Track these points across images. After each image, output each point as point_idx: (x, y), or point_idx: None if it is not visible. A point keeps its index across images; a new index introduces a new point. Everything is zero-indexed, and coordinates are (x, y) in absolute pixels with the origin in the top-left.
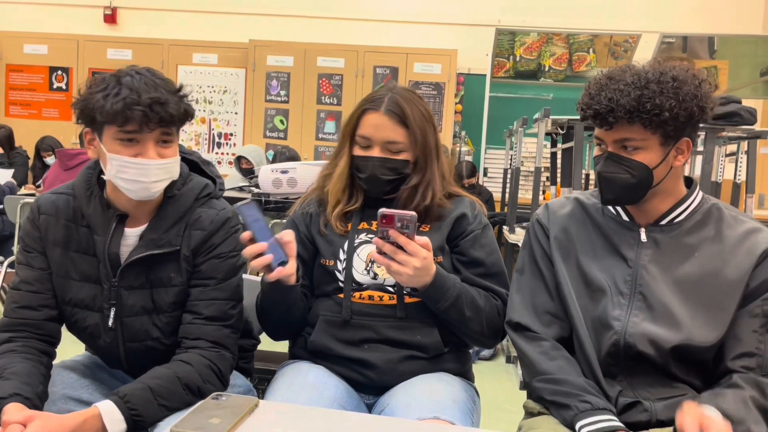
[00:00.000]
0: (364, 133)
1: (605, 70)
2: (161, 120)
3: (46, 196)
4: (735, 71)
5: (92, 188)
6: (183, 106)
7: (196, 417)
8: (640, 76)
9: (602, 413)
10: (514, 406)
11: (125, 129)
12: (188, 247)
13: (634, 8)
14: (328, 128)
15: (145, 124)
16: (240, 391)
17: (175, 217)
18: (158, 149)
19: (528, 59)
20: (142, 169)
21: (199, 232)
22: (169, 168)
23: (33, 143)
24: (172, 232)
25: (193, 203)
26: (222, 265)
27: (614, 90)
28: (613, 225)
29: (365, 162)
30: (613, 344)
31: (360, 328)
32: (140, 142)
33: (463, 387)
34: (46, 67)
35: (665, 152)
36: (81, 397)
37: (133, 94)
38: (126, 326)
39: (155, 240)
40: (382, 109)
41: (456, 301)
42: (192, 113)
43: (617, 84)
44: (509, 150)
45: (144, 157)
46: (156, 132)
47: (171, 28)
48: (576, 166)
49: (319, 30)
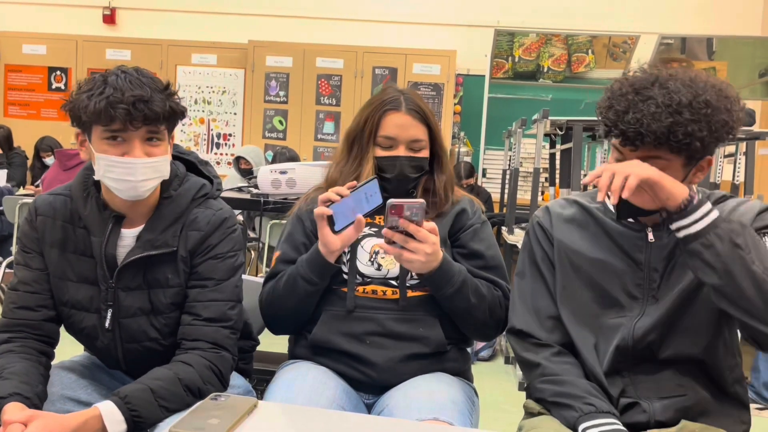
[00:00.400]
0: (388, 133)
1: (629, 76)
2: (146, 118)
3: (44, 197)
4: (733, 72)
5: (89, 189)
6: (169, 104)
7: (195, 417)
8: (672, 98)
9: (606, 416)
10: (513, 406)
11: (110, 128)
12: (185, 248)
13: (633, 9)
14: (327, 129)
15: (130, 123)
16: (239, 392)
17: (172, 218)
18: (146, 148)
19: (527, 60)
20: (129, 168)
21: (195, 232)
22: (157, 167)
23: (32, 144)
24: (168, 232)
25: (189, 204)
26: (220, 266)
27: (644, 112)
28: (619, 227)
29: (392, 162)
30: (622, 338)
31: (363, 320)
32: (126, 141)
33: (462, 387)
34: (45, 67)
35: (687, 172)
36: (80, 397)
37: (116, 93)
38: (123, 327)
39: (152, 241)
40: (403, 109)
41: (462, 287)
42: (181, 111)
43: (646, 105)
44: (508, 151)
45: (130, 155)
46: (142, 130)
47: (170, 28)
48: (575, 166)
49: (318, 31)
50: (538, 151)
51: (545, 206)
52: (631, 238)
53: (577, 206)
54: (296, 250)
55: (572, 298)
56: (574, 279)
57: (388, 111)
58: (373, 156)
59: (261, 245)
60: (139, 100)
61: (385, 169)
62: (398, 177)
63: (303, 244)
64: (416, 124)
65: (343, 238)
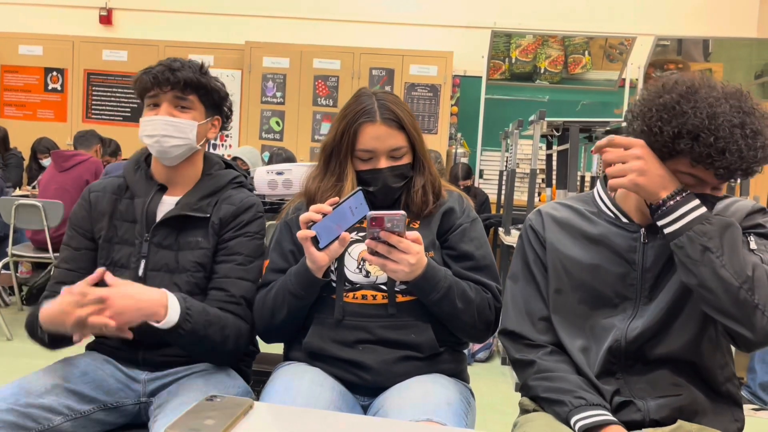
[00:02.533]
0: (366, 146)
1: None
2: (172, 82)
3: (98, 181)
4: (729, 74)
5: (140, 164)
6: (198, 76)
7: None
8: (755, 135)
9: (596, 408)
10: (510, 407)
11: (148, 95)
12: (218, 217)
13: (630, 11)
14: (324, 130)
15: (158, 86)
16: (237, 392)
17: (210, 190)
18: (172, 111)
19: (523, 61)
20: (153, 123)
21: (229, 206)
22: (179, 127)
23: (28, 144)
24: (205, 201)
25: (227, 183)
26: (249, 244)
27: (740, 146)
28: (612, 228)
29: (375, 175)
30: (615, 340)
31: (353, 329)
32: (159, 105)
33: (458, 388)
34: (41, 68)
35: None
36: (83, 391)
37: (157, 67)
38: (149, 280)
39: (189, 204)
40: (378, 119)
41: (447, 292)
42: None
43: (745, 140)
44: (505, 152)
45: (157, 114)
46: (169, 94)
47: (167, 29)
48: (571, 168)
49: (314, 32)
50: (534, 152)
51: (538, 209)
52: (626, 239)
53: (570, 209)
54: (284, 258)
55: (564, 301)
56: (566, 282)
57: (362, 123)
58: (353, 170)
59: None
60: (168, 68)
61: (368, 182)
62: (383, 189)
63: (291, 252)
64: (394, 133)
65: (329, 253)
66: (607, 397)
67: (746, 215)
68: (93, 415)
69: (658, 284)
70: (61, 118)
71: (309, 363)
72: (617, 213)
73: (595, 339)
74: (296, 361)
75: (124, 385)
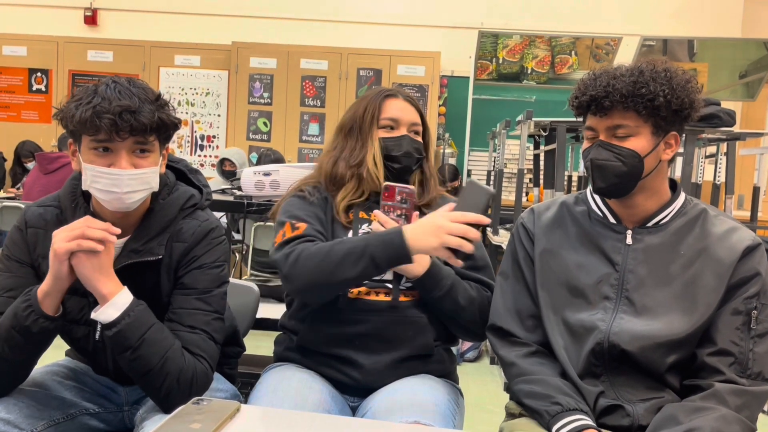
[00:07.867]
0: (391, 115)
1: (596, 70)
2: (132, 128)
3: (34, 209)
4: (714, 74)
5: (77, 200)
6: (159, 115)
7: (176, 422)
8: (633, 68)
9: (572, 413)
10: (498, 407)
11: (97, 138)
12: (171, 259)
13: (616, 12)
14: (311, 130)
15: (116, 133)
16: (226, 396)
17: (158, 227)
18: (133, 159)
19: (511, 62)
20: (114, 179)
21: (180, 244)
22: (144, 179)
23: (12, 146)
24: (154, 242)
25: (177, 214)
26: (203, 276)
27: (610, 76)
28: (599, 228)
29: (398, 141)
30: (597, 343)
31: (353, 323)
32: (113, 151)
33: (447, 389)
34: (26, 68)
35: (656, 142)
36: (64, 396)
37: (104, 103)
38: None
39: (136, 249)
40: (401, 96)
41: (451, 290)
42: (173, 123)
43: (612, 72)
44: (492, 152)
45: (116, 167)
46: (128, 141)
47: (152, 29)
48: (559, 167)
49: (302, 32)
50: (522, 152)
51: (531, 208)
52: (611, 240)
53: (561, 207)
54: (321, 223)
55: (547, 298)
56: (550, 278)
57: (387, 97)
58: (378, 137)
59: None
60: (126, 110)
61: (392, 149)
62: (405, 155)
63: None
64: (413, 111)
65: None
66: (591, 398)
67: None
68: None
69: (638, 287)
70: (46, 120)
71: (300, 360)
72: (606, 213)
73: (576, 338)
74: (287, 361)
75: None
